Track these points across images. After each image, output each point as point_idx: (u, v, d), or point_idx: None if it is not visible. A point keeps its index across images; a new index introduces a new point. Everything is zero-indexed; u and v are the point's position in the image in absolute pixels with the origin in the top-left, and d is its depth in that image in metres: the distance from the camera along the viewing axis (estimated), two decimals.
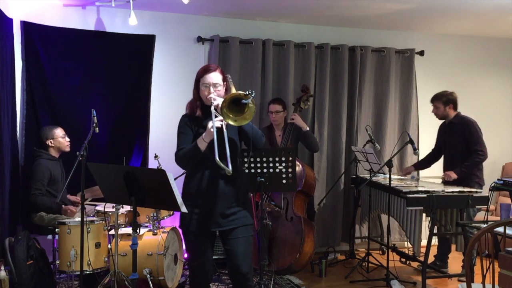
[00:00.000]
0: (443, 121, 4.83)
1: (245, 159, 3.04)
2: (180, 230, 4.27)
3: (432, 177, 5.06)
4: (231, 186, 2.81)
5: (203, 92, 2.80)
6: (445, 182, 4.65)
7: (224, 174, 2.63)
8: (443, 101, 4.66)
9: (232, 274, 2.92)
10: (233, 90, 2.81)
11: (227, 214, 2.80)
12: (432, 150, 5.02)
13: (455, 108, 4.69)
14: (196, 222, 2.80)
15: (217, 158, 2.51)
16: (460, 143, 4.60)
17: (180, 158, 2.80)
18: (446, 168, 4.75)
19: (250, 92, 2.60)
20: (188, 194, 2.83)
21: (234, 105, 2.64)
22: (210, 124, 2.64)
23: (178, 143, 2.85)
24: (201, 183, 2.79)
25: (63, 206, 4.09)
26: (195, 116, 2.85)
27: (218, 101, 2.69)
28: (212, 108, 2.68)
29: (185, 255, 4.70)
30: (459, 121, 4.64)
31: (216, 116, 2.66)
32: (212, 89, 2.77)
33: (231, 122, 2.62)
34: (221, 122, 2.64)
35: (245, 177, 3.03)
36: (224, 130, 2.64)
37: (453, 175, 4.53)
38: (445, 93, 4.69)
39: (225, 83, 2.85)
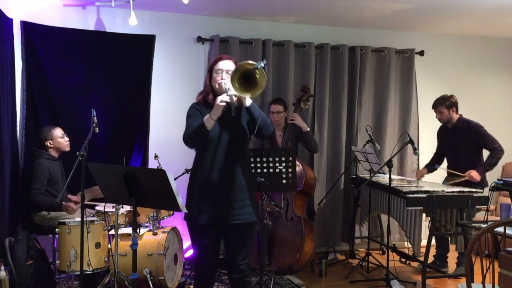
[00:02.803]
0: (441, 124, 4.82)
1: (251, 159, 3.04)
2: (180, 230, 4.29)
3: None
4: (240, 178, 2.78)
5: (216, 78, 2.80)
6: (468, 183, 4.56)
7: (234, 164, 2.67)
8: (446, 105, 4.62)
9: (230, 270, 2.91)
10: None
11: (235, 207, 2.76)
12: (435, 154, 4.98)
13: (457, 111, 4.69)
14: (204, 214, 2.76)
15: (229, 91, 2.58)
16: (467, 146, 4.58)
17: (187, 136, 2.78)
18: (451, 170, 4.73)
19: (259, 62, 2.61)
20: (196, 184, 2.81)
21: (244, 81, 2.64)
22: (218, 100, 2.64)
23: (186, 125, 2.83)
24: (211, 173, 2.76)
25: (63, 203, 4.10)
26: (205, 103, 2.84)
27: (230, 85, 2.66)
28: (224, 89, 2.67)
29: (185, 255, 4.71)
30: (463, 124, 4.62)
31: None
32: (224, 74, 2.77)
33: (247, 96, 2.64)
34: (228, 97, 2.62)
35: (254, 174, 3.01)
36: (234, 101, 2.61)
37: (476, 176, 4.45)
38: (445, 97, 4.66)
39: None
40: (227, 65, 2.80)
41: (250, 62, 2.63)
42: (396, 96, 5.66)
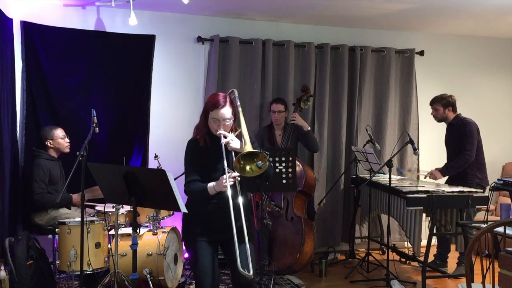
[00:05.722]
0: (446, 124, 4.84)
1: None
2: (180, 230, 4.28)
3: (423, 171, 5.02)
4: (237, 205, 2.73)
5: (212, 125, 2.77)
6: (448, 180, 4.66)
7: (233, 197, 2.65)
8: (443, 103, 4.68)
9: (235, 282, 2.90)
10: (242, 120, 2.80)
11: (231, 225, 2.72)
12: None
13: (454, 110, 4.71)
14: (201, 230, 2.78)
15: (240, 268, 2.56)
16: (458, 143, 4.61)
17: (190, 194, 2.80)
18: None
19: (266, 153, 2.61)
20: (194, 203, 2.82)
21: (247, 155, 2.63)
22: (223, 180, 2.63)
23: (186, 174, 2.83)
24: (209, 205, 2.78)
25: (72, 195, 4.08)
26: (203, 142, 2.80)
27: (228, 138, 2.68)
28: (222, 144, 2.67)
29: (185, 255, 4.71)
30: (458, 122, 4.66)
31: (227, 158, 2.65)
32: (221, 124, 2.73)
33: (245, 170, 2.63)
34: (233, 180, 2.64)
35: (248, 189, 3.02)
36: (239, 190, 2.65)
37: (438, 175, 4.59)
38: (444, 95, 4.71)
39: (233, 115, 2.80)
40: (224, 114, 2.74)
41: (253, 150, 2.63)
42: (396, 96, 5.66)
